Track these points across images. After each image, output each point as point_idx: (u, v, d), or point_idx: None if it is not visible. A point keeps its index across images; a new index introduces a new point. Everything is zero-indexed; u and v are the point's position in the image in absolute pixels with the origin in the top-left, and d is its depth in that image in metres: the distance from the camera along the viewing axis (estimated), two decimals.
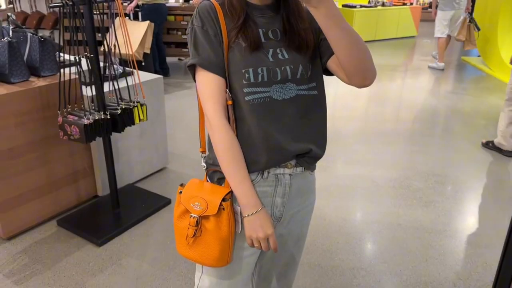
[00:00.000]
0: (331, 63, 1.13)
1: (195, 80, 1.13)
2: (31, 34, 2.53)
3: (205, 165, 1.20)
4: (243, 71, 1.07)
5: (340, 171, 3.43)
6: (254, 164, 1.12)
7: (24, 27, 2.98)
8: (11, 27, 2.64)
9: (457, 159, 3.70)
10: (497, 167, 3.56)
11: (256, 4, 1.12)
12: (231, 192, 1.12)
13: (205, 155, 1.21)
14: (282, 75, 1.09)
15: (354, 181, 3.24)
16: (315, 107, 1.16)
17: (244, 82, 1.07)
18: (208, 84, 1.09)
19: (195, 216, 1.11)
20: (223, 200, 1.10)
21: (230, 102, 1.09)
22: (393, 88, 6.01)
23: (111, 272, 2.23)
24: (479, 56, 7.30)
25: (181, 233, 1.15)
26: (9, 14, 2.86)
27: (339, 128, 4.36)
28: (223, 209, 1.10)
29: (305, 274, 2.24)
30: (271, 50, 1.10)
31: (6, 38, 2.36)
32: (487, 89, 5.87)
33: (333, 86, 5.96)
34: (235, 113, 1.10)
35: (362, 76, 1.06)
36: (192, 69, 1.12)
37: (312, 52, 1.13)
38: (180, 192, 1.16)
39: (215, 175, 1.19)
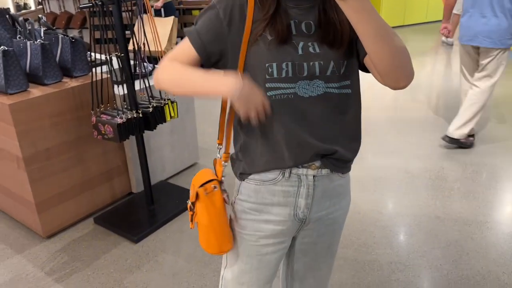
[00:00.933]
0: (368, 60, 1.02)
1: None
2: (62, 35, 2.56)
3: (219, 156, 1.19)
4: (266, 65, 1.01)
5: (373, 162, 3.35)
6: (276, 162, 1.08)
7: (54, 28, 3.02)
8: (42, 29, 2.69)
9: (495, 146, 3.57)
10: None
11: None
12: (213, 180, 1.12)
13: (221, 147, 1.19)
14: (309, 71, 1.02)
15: (388, 173, 3.17)
16: (347, 107, 1.08)
17: (267, 77, 1.01)
18: (184, 48, 1.07)
19: (188, 202, 1.14)
20: (201, 186, 1.10)
21: None
22: (424, 75, 5.84)
23: (148, 268, 2.26)
24: None
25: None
26: (40, 16, 2.91)
27: (369, 117, 4.26)
28: (197, 196, 1.10)
29: (341, 269, 2.21)
30: (301, 43, 1.02)
31: (39, 40, 2.39)
32: None
33: (360, 75, 5.86)
34: None
35: (394, 77, 0.97)
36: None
37: (348, 47, 1.04)
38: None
39: (238, 170, 1.18)
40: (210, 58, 1.08)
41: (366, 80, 1.24)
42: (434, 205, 2.74)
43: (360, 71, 1.11)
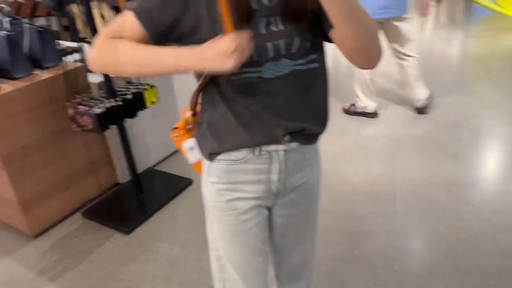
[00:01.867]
0: (336, 37, 0.94)
1: None
2: (28, 25, 2.42)
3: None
4: None
5: (359, 132, 3.32)
6: (245, 141, 1.05)
7: (19, 17, 2.86)
8: (6, 19, 2.53)
9: (480, 106, 3.57)
10: None
11: None
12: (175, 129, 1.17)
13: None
14: (274, 51, 0.96)
15: (376, 141, 3.15)
16: (314, 83, 1.04)
17: None
18: (123, 22, 0.97)
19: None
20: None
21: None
22: None
23: (144, 259, 2.21)
24: None
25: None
26: (2, 5, 2.75)
27: (349, 86, 4.22)
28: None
29: (340, 242, 2.19)
30: (264, 20, 0.95)
31: (3, 32, 2.25)
32: (501, 29, 5.65)
33: None
34: (221, 92, 1.01)
35: (365, 57, 0.94)
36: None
37: (313, 20, 0.96)
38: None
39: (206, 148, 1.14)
40: (159, 38, 0.97)
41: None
42: (425, 170, 2.73)
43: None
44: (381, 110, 3.65)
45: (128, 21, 0.97)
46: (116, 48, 0.97)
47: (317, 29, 0.98)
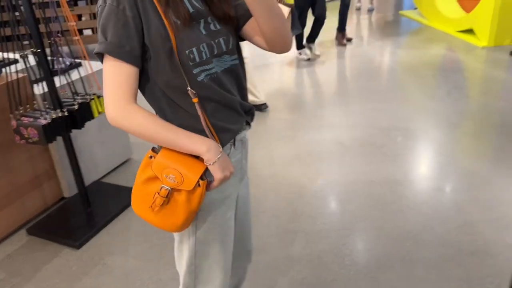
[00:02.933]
0: (248, 28, 1.13)
1: None
2: None
3: None
4: (187, 52, 1.00)
5: (307, 138, 3.46)
6: (226, 135, 1.13)
7: None
8: None
9: (413, 111, 3.85)
10: (451, 113, 3.73)
11: None
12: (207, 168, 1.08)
13: None
14: (218, 49, 1.07)
15: (323, 146, 3.29)
16: (242, 72, 1.18)
17: (191, 63, 1.01)
18: (114, 73, 1.00)
19: (168, 188, 1.05)
20: (201, 178, 1.05)
21: (196, 100, 1.04)
22: (337, 52, 6.08)
23: (97, 273, 2.15)
24: (415, 8, 7.53)
25: (145, 199, 1.09)
26: None
27: (299, 96, 4.38)
28: (199, 185, 1.05)
29: (293, 242, 2.27)
30: (202, 22, 1.05)
31: None
32: (428, 40, 6.10)
33: (278, 55, 5.95)
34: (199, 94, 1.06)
35: (283, 43, 1.12)
36: (100, 56, 1.02)
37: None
38: (151, 157, 1.09)
39: None
40: (141, 59, 1.03)
41: (283, 60, 1.29)
42: (368, 171, 2.90)
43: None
44: (325, 118, 3.82)
45: (116, 68, 1.00)
46: (138, 128, 1.03)
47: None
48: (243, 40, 1.18)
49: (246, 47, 3.26)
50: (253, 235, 1.49)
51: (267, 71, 5.17)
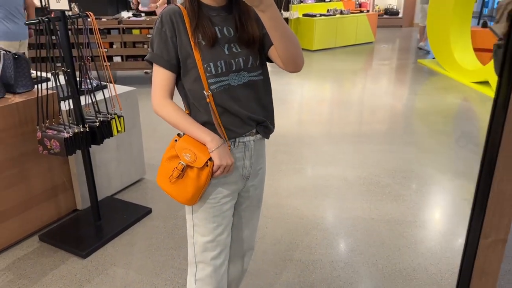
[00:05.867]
0: (271, 53, 1.41)
1: None
2: (4, 52, 2.54)
3: None
4: (205, 65, 1.33)
5: (313, 172, 3.57)
6: (230, 133, 1.40)
7: None
8: None
9: (420, 155, 3.93)
10: (458, 160, 3.80)
11: (212, 5, 1.38)
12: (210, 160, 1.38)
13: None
14: (236, 66, 1.37)
15: (327, 181, 3.39)
16: (264, 89, 1.45)
17: (208, 74, 1.33)
18: (157, 75, 1.39)
19: (183, 163, 1.37)
20: (209, 159, 1.35)
21: (208, 100, 1.35)
22: (355, 92, 6.26)
23: (99, 282, 2.26)
24: (434, 58, 7.71)
25: (167, 172, 1.40)
26: None
27: (308, 131, 4.52)
28: (207, 165, 1.36)
29: (288, 269, 2.35)
30: (226, 45, 1.36)
31: None
32: (444, 89, 6.22)
33: (298, 93, 6.14)
34: (215, 100, 1.37)
35: (295, 64, 1.36)
36: (150, 62, 1.40)
37: (259, 45, 1.41)
38: (176, 140, 1.41)
39: None
40: (178, 67, 1.38)
41: (302, 97, 1.46)
42: (368, 208, 2.98)
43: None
44: (334, 154, 3.94)
45: (159, 72, 1.38)
46: (168, 115, 1.40)
47: (262, 52, 1.44)
48: (270, 61, 1.45)
49: None
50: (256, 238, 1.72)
51: (283, 106, 5.35)
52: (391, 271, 2.34)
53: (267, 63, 1.49)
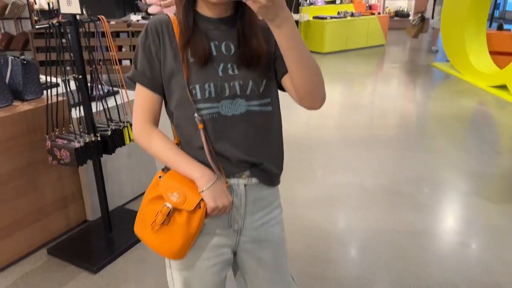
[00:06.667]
0: (284, 81, 1.12)
1: None
2: (12, 57, 2.44)
3: None
4: (190, 87, 1.07)
5: (330, 180, 3.43)
6: (225, 166, 1.13)
7: None
8: None
9: (441, 161, 3.78)
10: (480, 166, 3.65)
11: (210, 17, 1.11)
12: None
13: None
14: (230, 91, 1.08)
15: (346, 190, 3.26)
16: (268, 124, 1.15)
17: (192, 98, 1.07)
18: (139, 96, 1.14)
19: (170, 206, 1.08)
20: (202, 199, 1.08)
21: (201, 126, 1.08)
22: (367, 95, 6.13)
23: None
24: (448, 61, 7.55)
25: (147, 217, 1.12)
26: None
27: (320, 136, 4.39)
28: (200, 207, 1.08)
29: (312, 287, 2.22)
30: (222, 65, 1.09)
31: None
32: (459, 92, 6.07)
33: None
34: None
35: (312, 99, 1.07)
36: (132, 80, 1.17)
37: (266, 67, 1.12)
38: (160, 177, 1.14)
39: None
40: (163, 87, 1.13)
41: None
42: (392, 220, 2.84)
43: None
44: (350, 161, 3.80)
45: (141, 93, 1.13)
46: (149, 146, 1.15)
47: (272, 76, 1.14)
48: (283, 90, 1.16)
49: None
50: None
51: (294, 110, 5.22)
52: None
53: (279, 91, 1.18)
